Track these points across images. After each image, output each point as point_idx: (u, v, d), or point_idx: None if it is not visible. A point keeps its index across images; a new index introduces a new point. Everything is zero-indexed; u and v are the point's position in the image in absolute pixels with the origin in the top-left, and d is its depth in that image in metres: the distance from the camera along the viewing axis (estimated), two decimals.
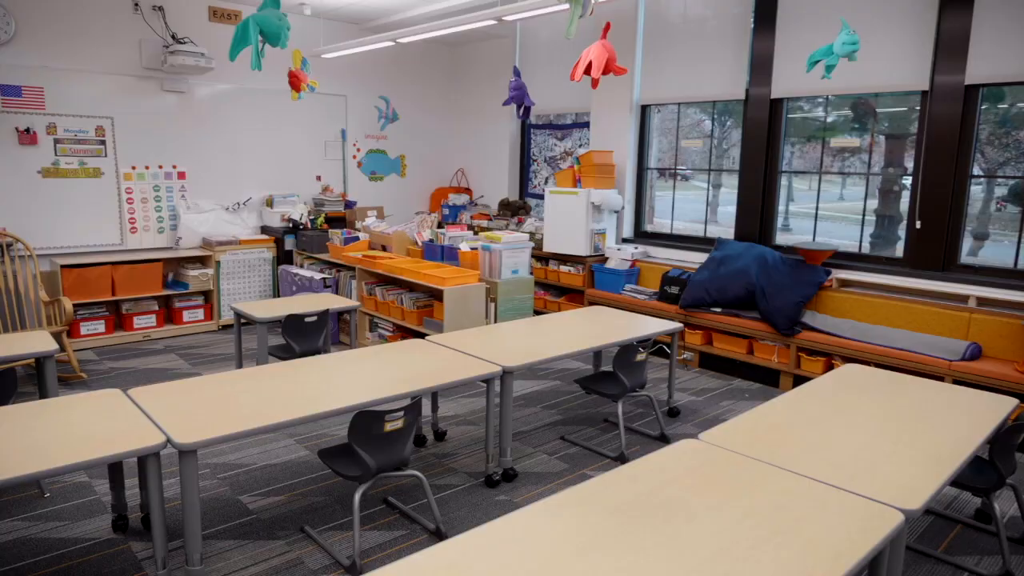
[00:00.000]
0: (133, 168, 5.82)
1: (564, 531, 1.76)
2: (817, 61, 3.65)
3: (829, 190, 5.13)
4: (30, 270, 4.73)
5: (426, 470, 3.43)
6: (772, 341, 4.79)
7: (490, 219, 7.12)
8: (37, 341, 3.45)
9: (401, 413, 2.62)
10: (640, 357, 3.62)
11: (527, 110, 5.45)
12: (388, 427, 2.60)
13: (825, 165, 5.07)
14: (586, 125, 6.64)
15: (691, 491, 1.95)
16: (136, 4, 5.62)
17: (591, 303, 5.95)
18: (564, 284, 6.21)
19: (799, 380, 4.63)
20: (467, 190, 7.97)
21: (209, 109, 6.17)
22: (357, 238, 5.86)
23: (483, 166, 7.82)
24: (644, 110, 6.12)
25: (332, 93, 6.96)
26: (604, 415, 4.22)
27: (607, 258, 6.03)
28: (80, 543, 2.74)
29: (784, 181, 5.30)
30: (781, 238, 5.34)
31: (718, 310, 5.06)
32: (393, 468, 2.70)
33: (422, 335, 4.89)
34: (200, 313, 5.98)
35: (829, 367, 4.53)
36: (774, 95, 5.13)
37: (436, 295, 4.82)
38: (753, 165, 5.30)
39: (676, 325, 4.10)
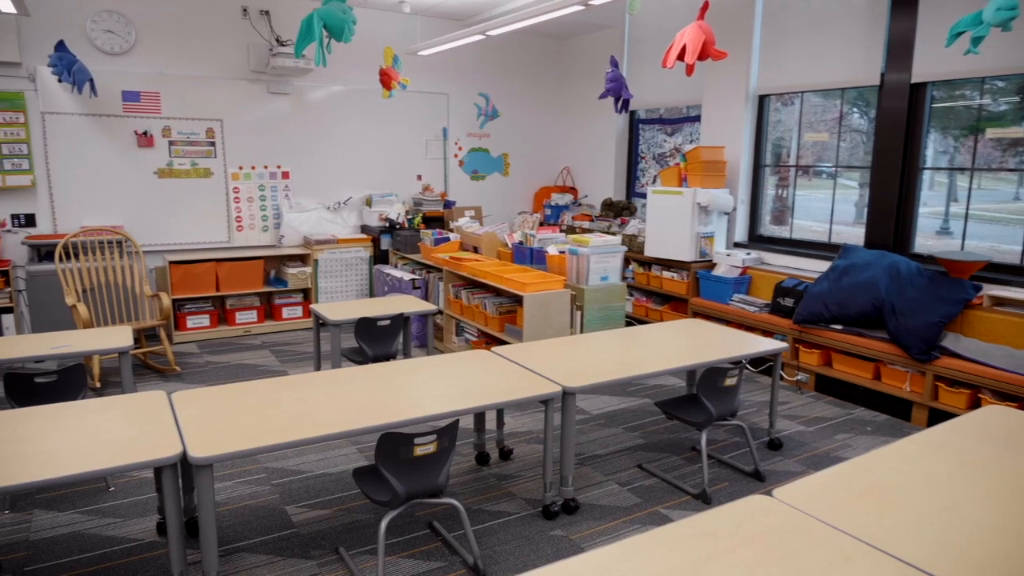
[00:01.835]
0: (240, 168, 6.02)
1: None
2: (960, 33, 3.00)
3: (1000, 189, 4.31)
4: (139, 266, 4.97)
5: (482, 493, 3.17)
6: (904, 366, 4.09)
7: (592, 220, 6.75)
8: (118, 336, 3.54)
9: (433, 437, 2.37)
10: (729, 381, 3.15)
11: (625, 103, 5.05)
12: (418, 451, 2.36)
13: (986, 160, 4.27)
14: (698, 119, 6.10)
15: (742, 572, 1.53)
16: (244, 9, 5.80)
17: (695, 313, 5.44)
18: (667, 291, 5.73)
19: (937, 415, 3.91)
20: (572, 190, 7.64)
21: (313, 110, 6.28)
22: (448, 239, 5.71)
23: (589, 164, 7.46)
24: (762, 101, 5.50)
25: (434, 91, 6.88)
26: (692, 442, 3.76)
27: (714, 264, 5.49)
28: (124, 543, 2.72)
29: (941, 178, 4.53)
30: (939, 243, 4.55)
31: (838, 327, 4.41)
32: (427, 495, 2.46)
33: (504, 342, 4.64)
34: (299, 311, 6.10)
35: (975, 402, 3.78)
36: (915, 79, 4.39)
37: (519, 301, 4.55)
38: (888, 160, 4.57)
39: (780, 345, 3.57)
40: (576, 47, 7.45)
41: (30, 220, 5.24)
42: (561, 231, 5.65)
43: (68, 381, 3.02)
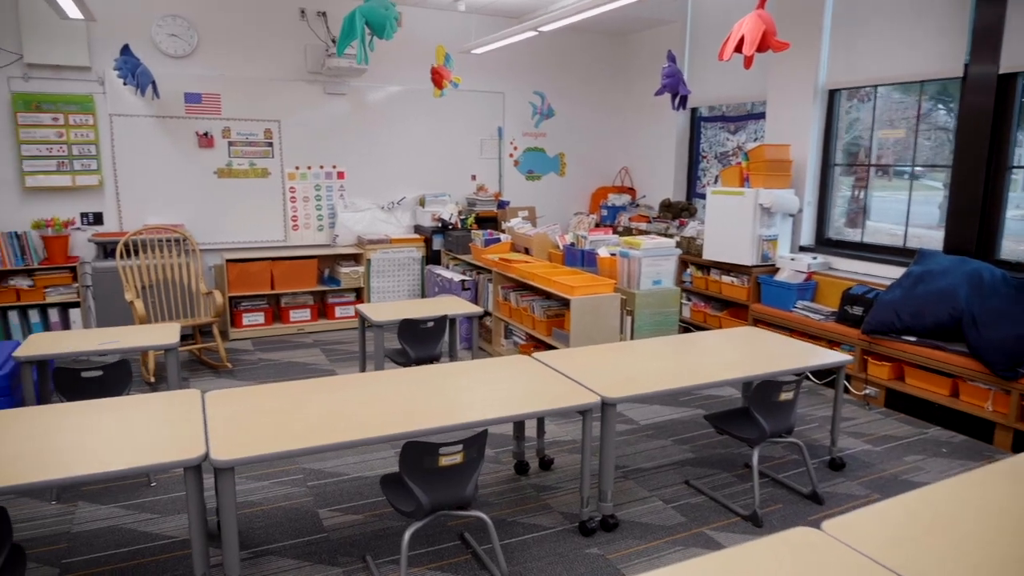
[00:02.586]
0: (296, 168, 6.10)
1: None
2: None
3: None
4: (195, 264, 5.08)
5: (518, 504, 3.05)
6: (985, 383, 3.74)
7: (649, 221, 6.53)
8: (167, 333, 3.60)
9: (459, 447, 2.27)
10: (785, 396, 2.93)
11: (683, 100, 4.84)
12: (443, 461, 2.26)
13: None
14: (762, 116, 5.80)
15: None
16: (302, 11, 5.87)
17: (755, 320, 5.17)
18: (726, 296, 5.47)
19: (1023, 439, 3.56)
20: (630, 190, 7.43)
21: (368, 110, 6.30)
22: (499, 239, 5.62)
23: (648, 164, 7.23)
24: (832, 96, 5.18)
25: (489, 90, 6.80)
26: (746, 458, 3.54)
27: (777, 269, 5.20)
28: (159, 540, 2.74)
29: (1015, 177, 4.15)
30: None
31: (912, 339, 4.08)
32: (453, 507, 2.36)
33: (551, 347, 4.51)
34: (351, 310, 6.13)
35: None
36: (1004, 69, 4.01)
37: (567, 304, 4.41)
38: (971, 159, 4.21)
39: (843, 357, 3.31)
40: (635, 43, 7.24)
41: (98, 218, 5.44)
42: (616, 233, 5.47)
43: (114, 377, 3.07)
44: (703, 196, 6.65)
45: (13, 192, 5.13)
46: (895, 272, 4.58)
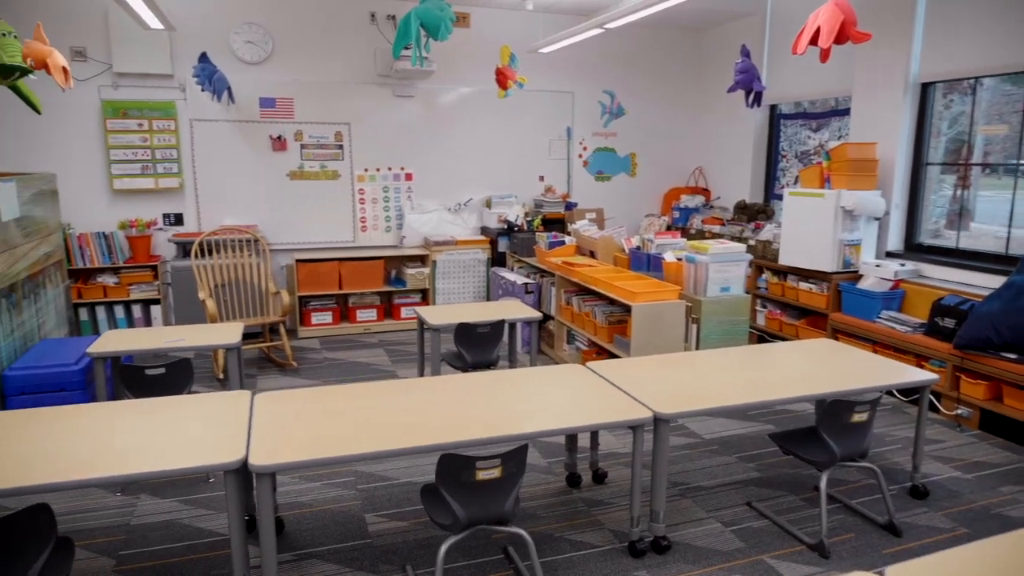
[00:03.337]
0: (365, 170, 6.19)
1: None
2: None
3: None
4: (265, 264, 5.22)
5: (567, 519, 2.94)
6: None
7: (723, 224, 6.26)
8: (229, 332, 3.69)
9: (497, 461, 2.19)
10: (858, 418, 2.69)
11: (758, 96, 4.59)
12: (481, 476, 2.19)
13: None
14: (847, 112, 5.44)
15: None
16: (372, 15, 5.94)
17: (835, 331, 4.84)
18: (804, 304, 5.16)
19: None
20: (704, 191, 7.15)
21: (436, 112, 6.32)
22: (563, 242, 5.51)
23: (724, 164, 6.93)
24: (925, 89, 4.79)
25: (558, 90, 6.70)
26: (817, 480, 3.28)
27: (860, 276, 4.85)
28: (210, 537, 2.79)
29: None
30: None
31: (1012, 356, 3.70)
32: (491, 522, 2.28)
33: (613, 355, 4.37)
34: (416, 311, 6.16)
35: None
36: None
37: (629, 311, 4.25)
38: None
39: (929, 376, 3.02)
40: (710, 38, 6.95)
41: (178, 219, 5.68)
42: (685, 236, 5.24)
43: (176, 375, 3.17)
44: (782, 198, 6.31)
45: (102, 194, 5.43)
46: (994, 281, 4.18)
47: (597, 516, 2.97)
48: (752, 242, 5.65)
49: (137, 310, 5.48)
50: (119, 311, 5.43)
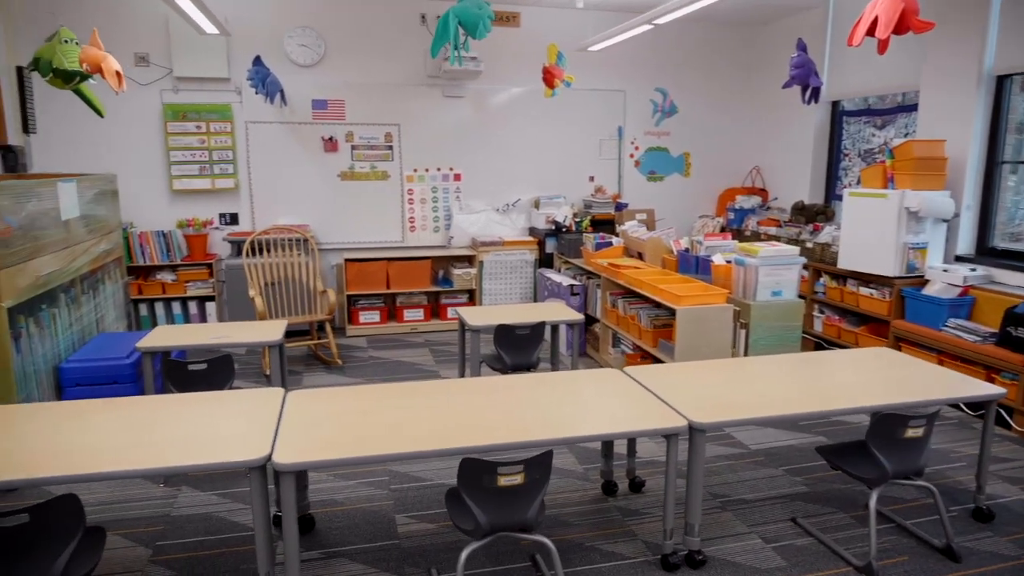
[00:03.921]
0: (415, 171, 6.23)
1: None
2: None
3: None
4: (314, 263, 5.31)
5: (599, 528, 2.86)
6: None
7: (779, 226, 6.03)
8: (272, 330, 3.75)
9: (519, 467, 2.13)
10: (912, 433, 2.52)
11: (815, 92, 4.39)
12: (502, 481, 2.13)
13: None
14: (914, 108, 5.14)
15: None
16: (423, 16, 5.97)
17: (897, 339, 4.58)
18: (864, 310, 4.90)
19: None
20: (761, 191, 6.90)
21: (485, 112, 6.31)
22: (610, 243, 5.41)
23: (782, 164, 6.68)
24: (1000, 82, 4.48)
25: (609, 89, 6.58)
26: (868, 497, 3.10)
27: (926, 281, 4.58)
28: (243, 531, 2.83)
29: None
30: None
31: None
32: (514, 529, 2.23)
33: (658, 360, 4.25)
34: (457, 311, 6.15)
35: None
36: None
37: (674, 314, 4.13)
38: None
39: (995, 390, 2.81)
40: (768, 33, 6.70)
41: (234, 219, 5.84)
42: (743, 237, 5.06)
43: (217, 370, 3.23)
44: (843, 198, 6.03)
45: (162, 195, 5.64)
46: None
47: (631, 526, 2.88)
48: (810, 245, 5.41)
49: (193, 306, 5.66)
50: (176, 307, 5.62)
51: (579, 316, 4.11)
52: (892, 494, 3.13)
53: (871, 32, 2.96)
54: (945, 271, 4.47)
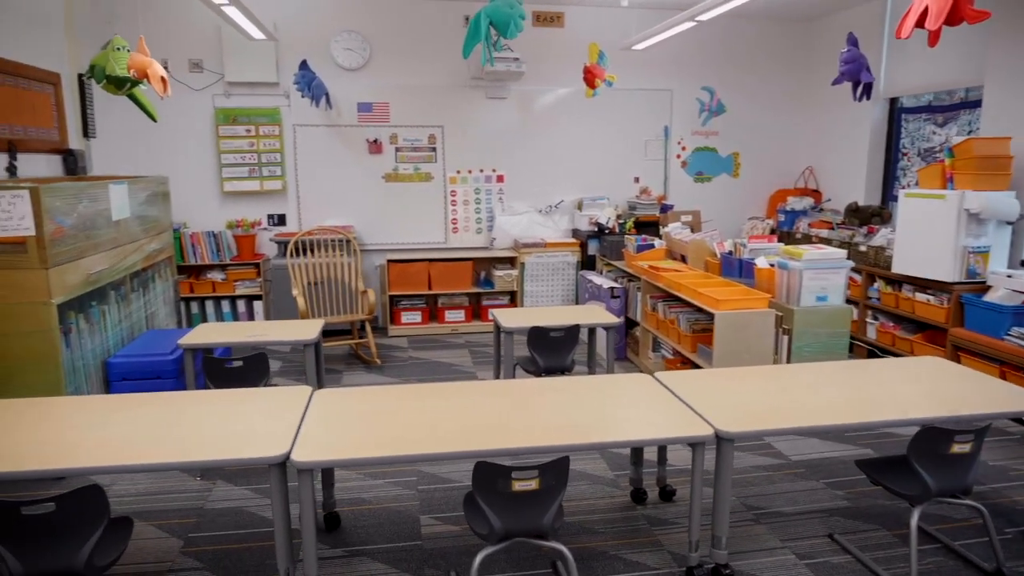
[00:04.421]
0: (458, 172, 6.25)
1: None
2: None
3: None
4: (356, 263, 5.38)
5: (626, 536, 2.80)
6: None
7: (831, 228, 5.80)
8: (308, 329, 3.82)
9: (534, 472, 2.09)
10: (958, 449, 2.37)
11: (867, 88, 4.20)
12: (517, 486, 2.10)
13: None
14: (978, 104, 4.87)
15: None
16: (467, 18, 5.99)
17: (955, 348, 4.34)
18: (920, 317, 4.67)
19: None
20: (814, 192, 6.66)
21: (528, 113, 6.28)
22: (652, 245, 5.30)
23: (837, 164, 6.43)
24: None
25: (655, 88, 6.47)
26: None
27: (988, 287, 4.32)
28: (272, 527, 2.88)
29: None
30: None
31: None
32: (529, 535, 2.19)
33: (696, 365, 4.14)
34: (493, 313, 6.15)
35: None
36: None
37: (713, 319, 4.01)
38: None
39: None
40: (822, 29, 6.46)
41: (281, 220, 5.99)
42: (794, 239, 4.89)
43: (253, 368, 3.31)
44: None
45: (214, 196, 5.82)
46: None
47: (658, 536, 2.80)
48: (863, 248, 5.19)
49: (242, 305, 5.82)
50: (226, 306, 5.79)
51: (615, 319, 4.04)
52: (941, 512, 2.96)
53: (921, 23, 2.81)
54: (1009, 276, 4.21)
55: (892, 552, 2.67)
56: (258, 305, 5.82)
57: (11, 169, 4.03)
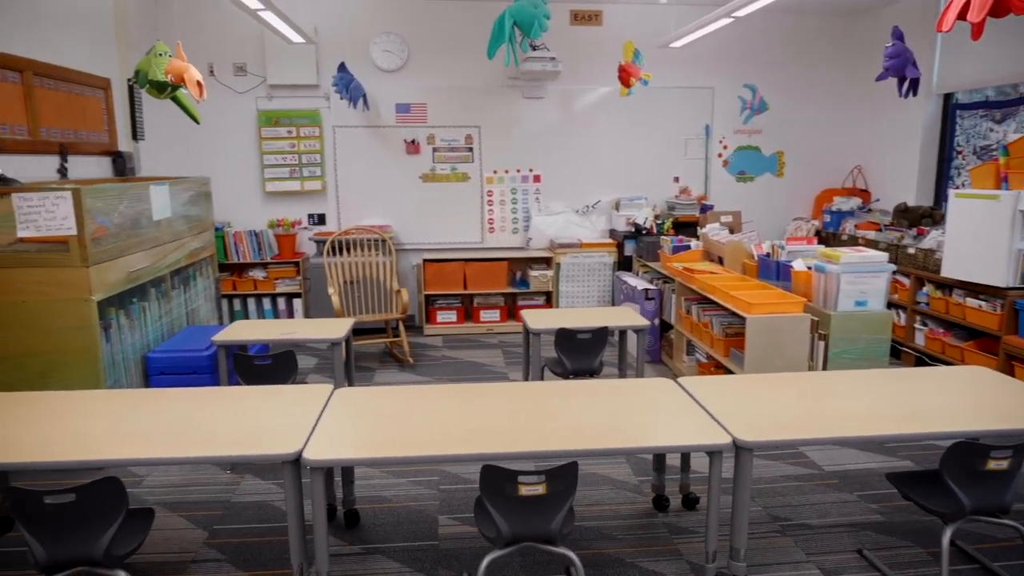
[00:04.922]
0: (494, 172, 6.26)
1: None
2: None
3: None
4: (391, 262, 5.44)
5: (645, 544, 2.75)
6: None
7: (879, 230, 5.58)
8: (337, 328, 3.87)
9: (541, 478, 2.07)
10: (995, 465, 2.24)
11: (913, 84, 4.02)
12: (523, 491, 2.09)
13: None
14: None
15: None
16: None
17: (1009, 357, 4.12)
18: (971, 323, 4.45)
19: None
20: (863, 192, 6.42)
21: (565, 113, 6.24)
22: (688, 246, 5.20)
23: (887, 163, 6.18)
24: None
25: (695, 86, 6.34)
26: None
27: None
28: None
29: None
30: None
31: None
32: (537, 540, 2.17)
33: (729, 371, 4.04)
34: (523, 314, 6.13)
35: None
36: None
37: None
38: None
39: None
40: (870, 22, 6.21)
41: (321, 219, 6.10)
42: (840, 241, 4.72)
43: (281, 365, 3.38)
44: None
45: (256, 196, 5.97)
46: None
47: (678, 545, 2.74)
48: (912, 250, 4.98)
49: (282, 303, 5.95)
50: (267, 303, 5.94)
51: (645, 322, 3.97)
52: (980, 531, 2.81)
53: (963, 16, 2.67)
54: None
55: (924, 571, 2.55)
56: (297, 303, 5.94)
57: (62, 171, 4.21)
